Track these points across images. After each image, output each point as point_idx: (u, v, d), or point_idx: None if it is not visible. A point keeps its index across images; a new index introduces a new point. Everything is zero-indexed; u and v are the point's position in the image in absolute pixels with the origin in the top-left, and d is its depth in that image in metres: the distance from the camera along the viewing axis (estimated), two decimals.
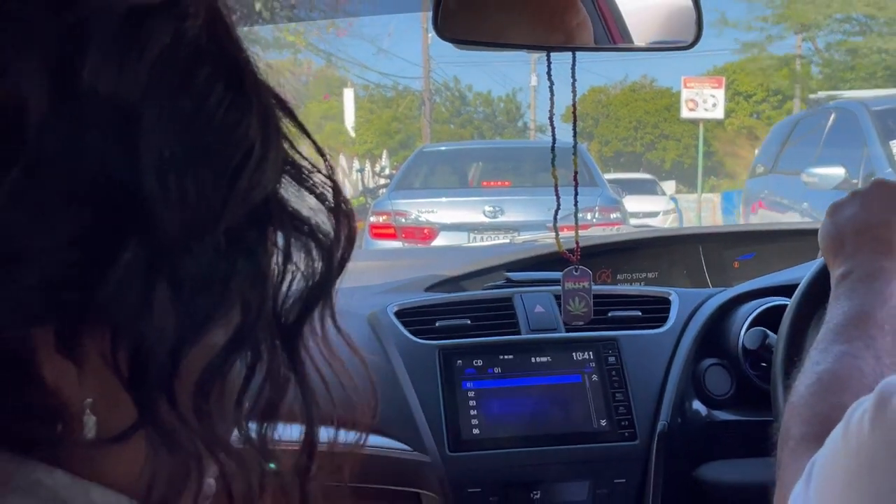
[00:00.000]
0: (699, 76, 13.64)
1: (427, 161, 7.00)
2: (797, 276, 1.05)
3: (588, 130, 22.86)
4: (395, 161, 18.01)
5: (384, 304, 1.28)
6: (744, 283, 1.33)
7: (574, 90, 1.10)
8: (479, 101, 25.88)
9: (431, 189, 6.35)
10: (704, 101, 12.31)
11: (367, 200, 9.17)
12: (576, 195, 1.14)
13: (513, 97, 25.41)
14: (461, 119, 25.48)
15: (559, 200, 1.14)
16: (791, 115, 8.53)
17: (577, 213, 1.15)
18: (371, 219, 5.84)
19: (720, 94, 12.55)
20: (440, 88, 23.49)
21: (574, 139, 1.16)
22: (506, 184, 6.59)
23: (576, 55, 1.05)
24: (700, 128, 13.38)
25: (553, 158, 1.12)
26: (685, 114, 12.91)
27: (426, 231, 5.65)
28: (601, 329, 1.24)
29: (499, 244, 2.84)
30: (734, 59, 20.41)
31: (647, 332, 1.26)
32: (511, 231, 5.41)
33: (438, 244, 5.46)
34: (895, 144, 4.95)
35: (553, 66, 1.08)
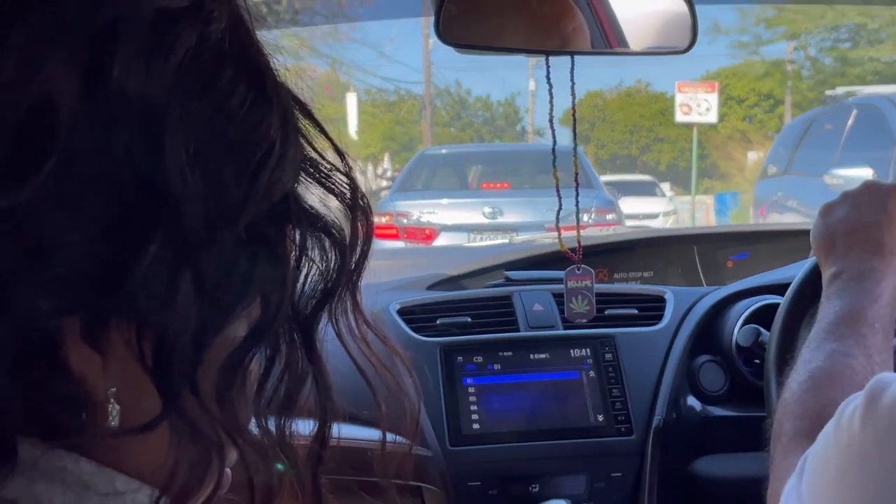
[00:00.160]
0: (693, 81, 13.60)
1: (428, 164, 7.02)
2: (790, 276, 1.06)
3: (584, 134, 22.72)
4: (397, 164, 17.98)
5: (387, 303, 1.29)
6: (737, 282, 1.34)
7: (573, 93, 1.12)
8: (479, 106, 25.79)
9: (432, 191, 6.38)
10: (698, 106, 12.28)
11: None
12: (577, 196, 1.15)
13: (511, 101, 25.33)
14: (461, 123, 25.39)
15: (561, 201, 1.15)
16: (805, 113, 7.95)
17: (579, 214, 1.16)
18: (374, 220, 5.83)
19: (713, 99, 12.52)
20: (441, 93, 23.46)
21: (574, 141, 1.18)
22: (505, 186, 6.63)
23: (574, 59, 1.08)
24: (694, 131, 13.36)
25: (554, 160, 1.13)
26: (679, 118, 12.88)
27: (427, 232, 5.67)
28: (598, 326, 1.25)
29: (498, 244, 2.85)
30: (727, 65, 20.46)
31: (643, 330, 1.28)
32: (510, 231, 5.44)
33: (439, 244, 5.47)
34: None
35: (551, 71, 1.10)
